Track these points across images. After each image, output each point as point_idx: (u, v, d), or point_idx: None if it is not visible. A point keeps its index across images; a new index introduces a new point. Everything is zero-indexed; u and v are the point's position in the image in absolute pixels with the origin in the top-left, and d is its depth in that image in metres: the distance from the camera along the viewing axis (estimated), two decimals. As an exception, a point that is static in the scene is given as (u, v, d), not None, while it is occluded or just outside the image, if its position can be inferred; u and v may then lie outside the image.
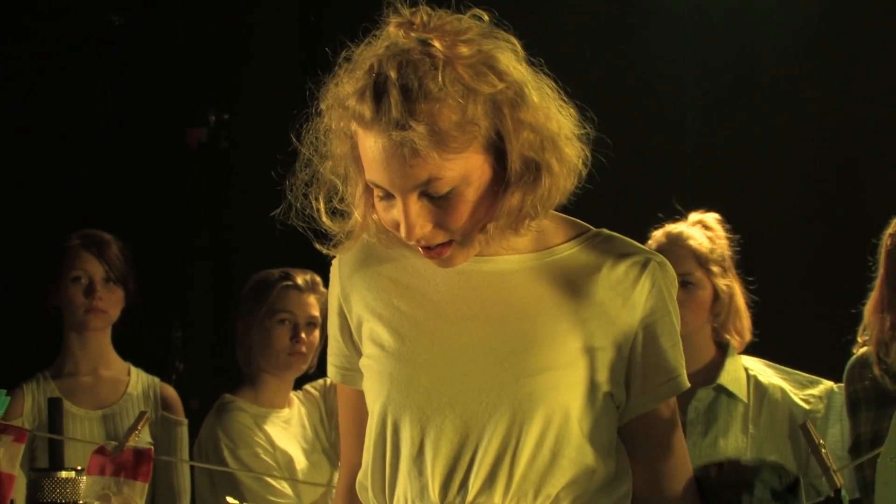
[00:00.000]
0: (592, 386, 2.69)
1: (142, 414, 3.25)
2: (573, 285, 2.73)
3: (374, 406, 2.76)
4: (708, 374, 4.90)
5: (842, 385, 4.88)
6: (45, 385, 5.18)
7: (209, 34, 6.77)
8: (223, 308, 5.80)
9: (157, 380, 5.38)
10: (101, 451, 3.18)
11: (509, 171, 2.63)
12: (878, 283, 4.69)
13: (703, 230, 4.97)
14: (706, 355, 4.94)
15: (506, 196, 2.65)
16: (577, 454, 2.68)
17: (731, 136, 6.75)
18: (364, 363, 2.81)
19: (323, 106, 2.70)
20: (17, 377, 5.25)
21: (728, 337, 4.96)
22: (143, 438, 3.31)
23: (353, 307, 2.84)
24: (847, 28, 6.79)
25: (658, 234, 4.99)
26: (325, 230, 2.77)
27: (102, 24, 6.43)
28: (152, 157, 6.49)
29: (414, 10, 2.64)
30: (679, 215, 5.02)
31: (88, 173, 6.50)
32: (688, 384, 2.78)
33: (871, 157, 6.56)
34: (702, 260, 4.93)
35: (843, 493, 2.88)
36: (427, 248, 2.68)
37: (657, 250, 4.76)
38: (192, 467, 5.14)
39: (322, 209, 2.75)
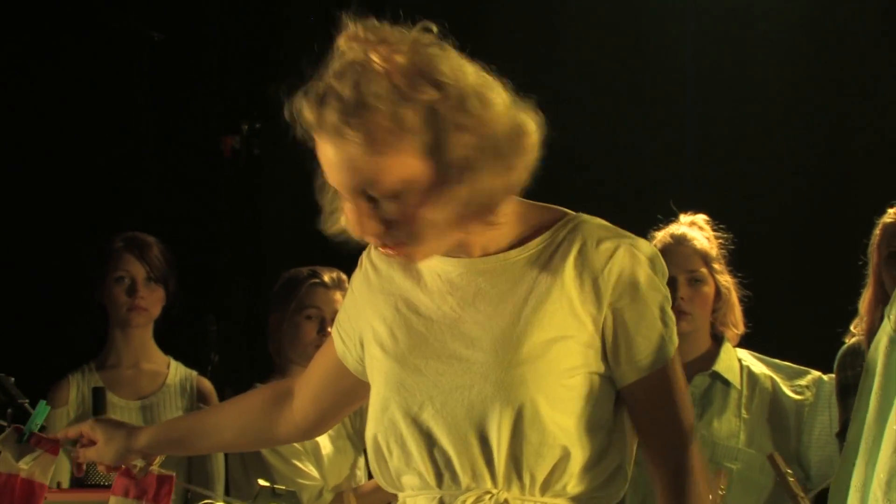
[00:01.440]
0: (570, 372, 2.68)
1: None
2: (546, 278, 2.71)
3: (374, 401, 2.79)
4: (704, 362, 4.90)
5: (830, 375, 4.92)
6: (90, 376, 5.25)
7: (242, 50, 6.78)
8: (256, 304, 5.81)
9: (194, 373, 5.44)
10: (126, 473, 3.14)
11: (448, 172, 2.61)
12: (870, 279, 4.73)
13: (699, 230, 4.98)
14: (703, 345, 4.95)
15: (450, 194, 2.63)
16: (560, 439, 2.66)
17: (724, 137, 6.71)
18: (368, 362, 2.85)
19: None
20: (63, 368, 5.32)
21: (723, 329, 4.97)
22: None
23: (368, 301, 2.86)
24: (835, 30, 6.70)
25: (662, 235, 4.97)
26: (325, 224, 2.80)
27: (144, 40, 6.45)
28: (189, 164, 6.52)
29: (358, 23, 2.65)
30: (672, 216, 5.00)
31: (131, 179, 6.53)
32: (669, 354, 2.72)
33: (860, 160, 6.49)
34: (706, 258, 4.93)
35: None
36: (384, 246, 2.70)
37: (662, 250, 4.83)
38: (225, 453, 5.11)
39: (325, 211, 2.79)
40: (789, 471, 2.88)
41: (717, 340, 4.98)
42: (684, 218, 5.02)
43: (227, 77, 6.75)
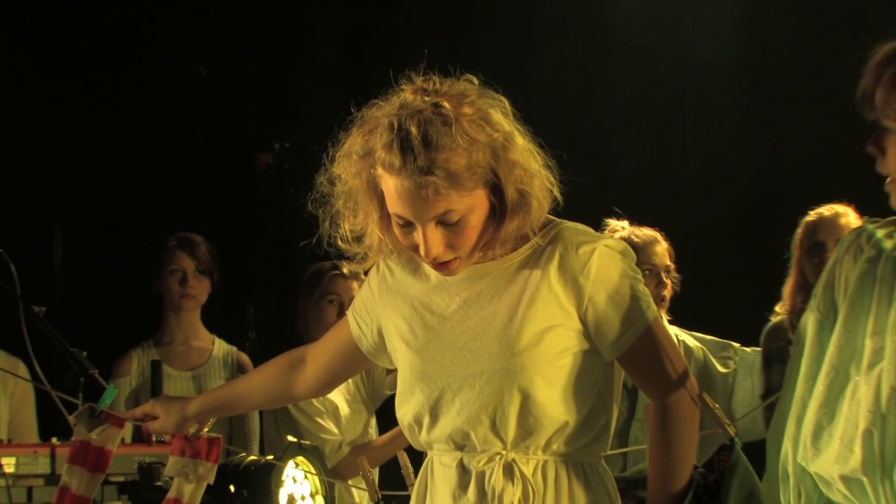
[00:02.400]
0: (561, 355, 2.70)
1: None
2: (535, 278, 2.71)
3: (402, 386, 2.82)
4: None
5: (753, 348, 4.95)
6: (148, 351, 5.26)
7: (274, 81, 6.83)
8: (287, 292, 5.80)
9: (234, 348, 5.45)
10: (182, 437, 3.16)
11: (507, 201, 2.64)
12: (792, 270, 4.74)
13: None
14: None
15: (505, 222, 2.66)
16: (556, 410, 2.69)
17: (671, 150, 6.63)
18: (392, 353, 2.86)
19: (337, 155, 2.71)
20: (127, 345, 5.35)
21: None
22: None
23: (385, 301, 2.86)
24: (771, 41, 6.61)
25: (641, 233, 4.91)
26: (346, 252, 2.79)
27: (193, 73, 6.47)
28: (230, 176, 6.56)
29: (425, 78, 2.65)
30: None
31: (183, 189, 6.58)
32: (647, 322, 2.73)
33: (786, 169, 6.37)
34: (671, 256, 4.95)
35: (736, 440, 2.89)
36: (438, 264, 2.69)
37: (642, 244, 4.85)
38: (260, 413, 5.13)
39: (344, 233, 2.76)
40: (717, 405, 2.88)
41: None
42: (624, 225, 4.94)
43: (261, 105, 6.79)
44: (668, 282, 4.92)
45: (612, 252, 2.73)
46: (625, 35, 6.66)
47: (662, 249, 4.92)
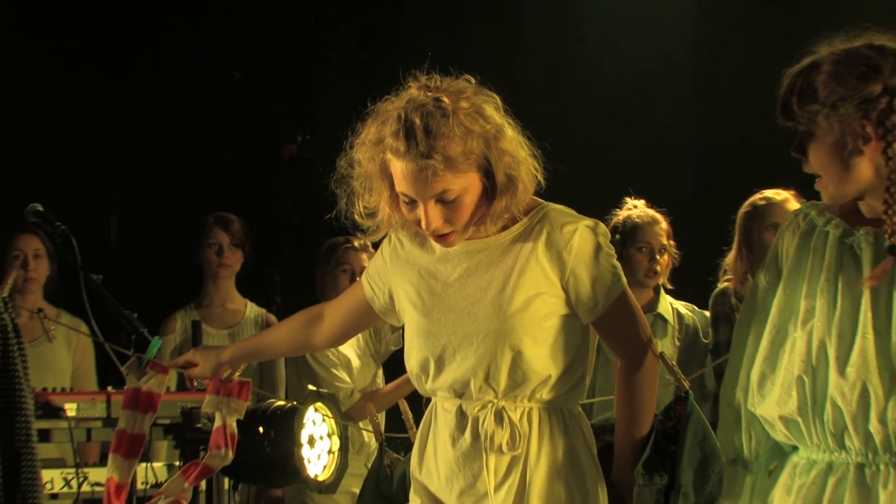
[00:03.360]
0: (546, 318, 2.70)
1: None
2: (525, 253, 2.70)
3: (409, 343, 2.81)
4: (649, 306, 4.82)
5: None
6: (190, 313, 5.27)
7: (296, 84, 6.78)
8: (307, 262, 5.80)
9: (264, 310, 5.44)
10: (217, 380, 3.16)
11: (497, 183, 2.64)
12: (735, 243, 4.70)
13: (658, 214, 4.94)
14: (649, 294, 4.86)
15: (495, 201, 2.67)
16: (541, 365, 2.69)
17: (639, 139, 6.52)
18: (401, 314, 2.85)
19: (356, 142, 2.71)
20: (172, 307, 5.36)
21: (662, 283, 4.90)
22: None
23: (396, 269, 2.85)
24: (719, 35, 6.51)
25: (639, 212, 4.88)
26: (361, 225, 2.77)
27: (227, 77, 6.45)
28: (259, 164, 6.51)
29: (428, 77, 2.66)
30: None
31: (219, 174, 6.57)
32: (619, 292, 2.74)
33: (735, 154, 6.21)
34: (669, 235, 4.87)
35: (690, 392, 2.87)
36: (438, 236, 2.69)
37: (642, 224, 4.82)
38: (285, 363, 5.15)
39: (358, 210, 2.75)
40: (674, 363, 2.87)
41: (656, 290, 4.90)
42: (630, 202, 4.92)
43: (286, 103, 6.74)
44: (662, 258, 4.84)
45: (591, 232, 2.72)
46: (594, 40, 6.59)
47: (660, 229, 4.85)
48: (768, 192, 4.67)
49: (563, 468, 2.70)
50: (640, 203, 4.89)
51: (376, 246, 2.96)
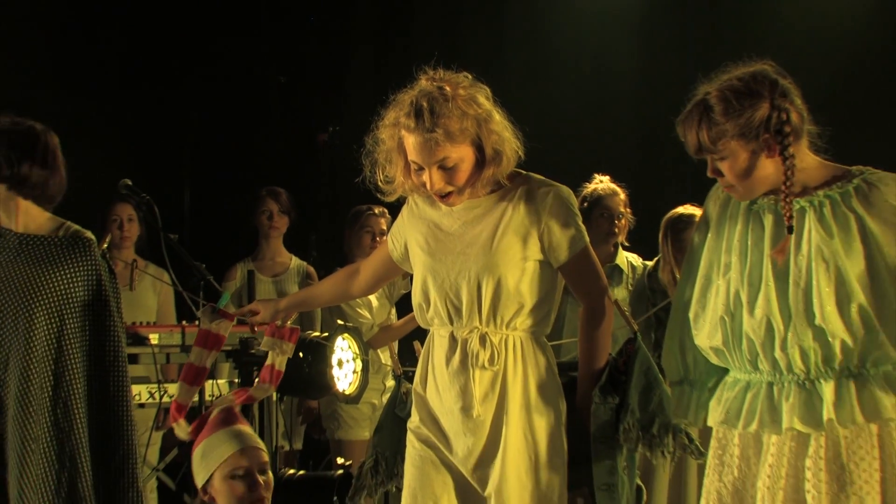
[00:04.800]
0: (524, 259, 2.69)
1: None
2: (510, 209, 2.71)
3: (416, 278, 2.79)
4: (609, 259, 4.76)
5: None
6: (247, 264, 5.22)
7: (329, 85, 6.67)
8: (337, 225, 5.78)
9: (304, 262, 5.39)
10: (273, 326, 3.10)
11: (486, 155, 2.65)
12: (663, 253, 4.49)
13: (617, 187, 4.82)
14: (610, 251, 4.78)
15: (484, 169, 2.67)
16: (519, 297, 2.68)
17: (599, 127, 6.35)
18: (412, 258, 2.82)
19: (380, 124, 2.71)
20: (234, 260, 5.33)
21: (620, 241, 4.81)
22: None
23: (412, 227, 2.83)
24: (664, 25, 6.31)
25: (603, 187, 4.76)
26: (381, 188, 2.77)
27: (274, 80, 6.42)
28: (300, 149, 6.45)
29: (435, 71, 2.67)
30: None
31: (269, 157, 6.49)
32: (582, 245, 2.73)
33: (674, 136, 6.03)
34: (626, 204, 4.77)
35: (638, 333, 2.86)
36: (441, 196, 2.70)
37: (604, 195, 4.70)
38: None
39: (379, 178, 2.76)
40: (626, 309, 2.86)
41: (615, 247, 4.82)
42: (597, 177, 4.82)
43: (320, 101, 6.64)
44: (620, 222, 4.74)
45: (563, 195, 2.74)
46: (562, 49, 6.47)
47: (619, 200, 4.75)
48: (690, 207, 4.48)
49: (533, 381, 2.69)
50: (606, 178, 4.81)
51: (391, 209, 2.98)
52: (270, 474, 2.82)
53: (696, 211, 4.46)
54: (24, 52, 5.75)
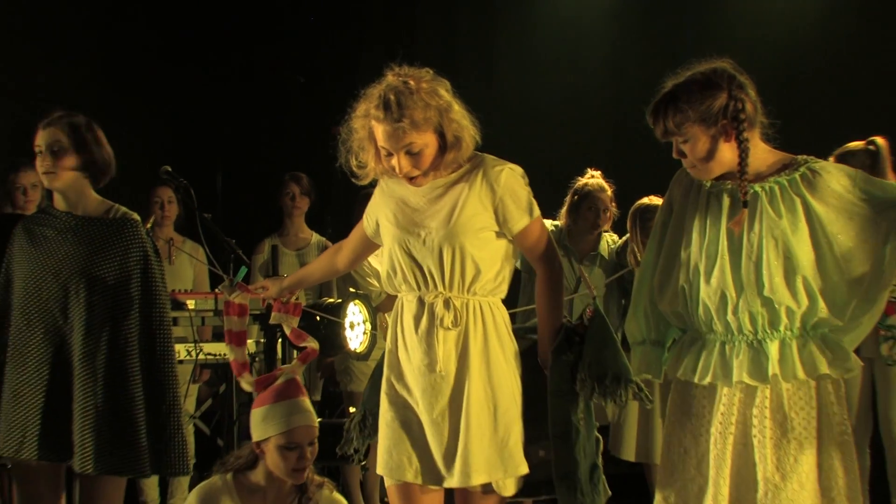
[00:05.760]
0: (482, 230, 2.59)
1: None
2: (467, 187, 2.59)
3: (386, 249, 2.71)
4: (593, 246, 4.68)
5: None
6: (273, 240, 5.16)
7: (342, 84, 6.56)
8: (349, 205, 5.76)
9: (323, 238, 5.33)
10: (279, 301, 3.06)
11: (447, 141, 2.56)
12: (631, 236, 4.41)
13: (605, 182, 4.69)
14: (595, 239, 4.69)
15: (446, 153, 2.57)
16: (477, 263, 2.58)
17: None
18: (382, 232, 2.72)
19: (352, 116, 2.64)
20: (261, 236, 5.27)
21: (605, 230, 4.72)
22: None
23: (382, 205, 2.72)
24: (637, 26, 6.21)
25: (593, 183, 4.62)
26: (356, 173, 2.68)
27: (295, 80, 6.38)
28: (316, 140, 6.31)
29: (400, 67, 2.58)
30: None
31: (291, 146, 6.42)
32: (533, 217, 2.62)
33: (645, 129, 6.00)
34: (611, 199, 4.65)
35: (596, 298, 2.82)
36: (408, 178, 2.60)
37: (592, 190, 4.57)
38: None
39: (353, 163, 2.67)
40: (586, 275, 2.82)
41: (599, 236, 4.71)
42: (589, 171, 4.70)
43: (335, 97, 6.55)
44: (605, 215, 4.63)
45: (513, 172, 2.63)
46: (545, 48, 6.38)
47: (606, 196, 4.63)
48: (655, 198, 4.36)
49: (491, 339, 2.61)
50: (598, 174, 4.69)
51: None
52: (317, 444, 2.85)
53: (661, 202, 4.42)
54: (76, 50, 5.74)
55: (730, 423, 2.38)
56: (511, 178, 2.61)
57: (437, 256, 2.57)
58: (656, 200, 4.34)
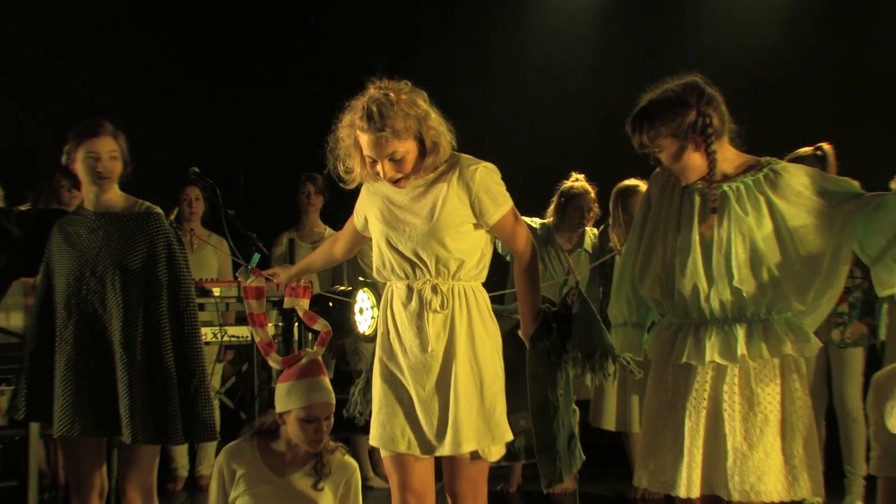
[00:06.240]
0: (461, 224, 2.55)
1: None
2: (446, 185, 2.55)
3: (375, 243, 2.67)
4: (579, 242, 4.63)
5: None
6: (290, 234, 5.15)
7: (351, 93, 6.61)
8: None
9: (335, 231, 5.16)
10: (290, 286, 3.03)
11: (427, 147, 2.52)
12: (612, 215, 4.48)
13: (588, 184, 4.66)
14: (580, 236, 4.64)
15: (426, 158, 2.53)
16: (460, 254, 2.54)
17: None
18: (371, 228, 2.68)
19: (339, 126, 2.60)
20: (280, 230, 5.26)
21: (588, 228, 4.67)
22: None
23: (370, 203, 2.68)
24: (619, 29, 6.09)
25: (579, 185, 4.60)
26: (343, 178, 2.64)
27: (310, 91, 6.36)
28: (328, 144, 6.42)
29: (381, 79, 2.54)
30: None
31: (307, 149, 6.29)
32: (507, 209, 2.57)
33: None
34: (594, 201, 4.61)
35: (579, 282, 2.82)
36: (393, 181, 2.57)
37: (577, 193, 4.53)
38: (346, 265, 4.92)
39: (341, 169, 2.63)
40: (570, 260, 2.80)
41: (583, 233, 4.66)
42: (573, 175, 4.67)
43: (345, 106, 6.56)
44: (589, 215, 4.61)
45: (488, 170, 2.57)
46: (535, 56, 6.28)
47: (590, 198, 4.61)
48: (634, 180, 4.40)
49: (475, 320, 2.58)
50: (581, 177, 4.66)
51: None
52: (332, 418, 2.86)
53: (639, 182, 4.39)
54: (115, 63, 5.74)
55: (703, 399, 2.40)
56: (485, 175, 2.57)
57: (422, 250, 2.55)
58: (635, 182, 4.36)
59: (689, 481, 2.36)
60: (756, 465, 2.32)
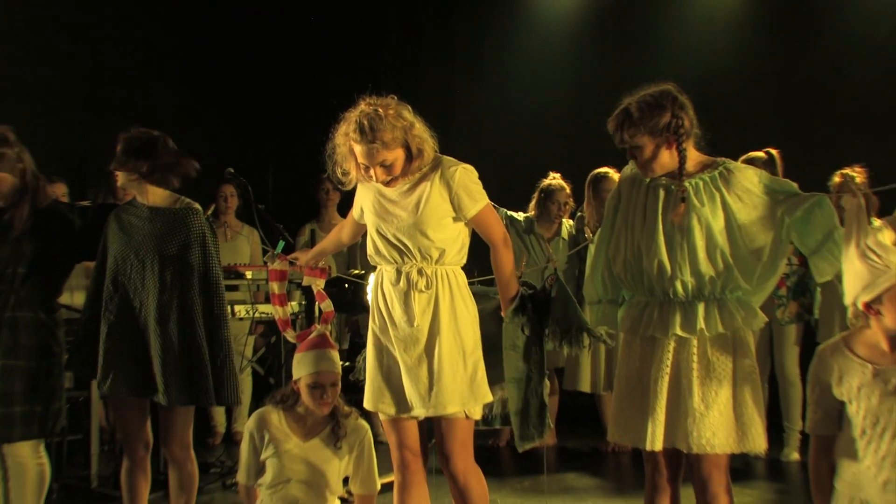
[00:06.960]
0: (443, 217, 2.52)
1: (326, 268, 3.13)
2: (429, 184, 2.51)
3: (369, 235, 2.64)
4: (557, 232, 4.62)
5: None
6: (312, 225, 5.14)
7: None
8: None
9: None
10: (309, 267, 3.01)
11: (413, 154, 2.50)
12: (587, 198, 4.49)
13: (562, 181, 4.65)
14: (557, 227, 4.63)
15: (412, 162, 2.51)
16: (442, 243, 2.52)
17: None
18: (365, 217, 2.65)
19: (336, 134, 2.58)
20: (303, 222, 5.23)
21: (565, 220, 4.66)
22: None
23: (365, 196, 2.64)
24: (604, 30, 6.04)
25: (556, 183, 4.59)
26: (340, 180, 2.61)
27: (329, 102, 6.30)
28: None
29: (371, 95, 2.52)
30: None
31: (325, 155, 6.41)
32: (482, 205, 2.53)
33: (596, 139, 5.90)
34: (569, 197, 4.61)
35: (558, 268, 2.79)
36: (384, 183, 2.54)
37: (554, 189, 4.50)
38: (359, 254, 4.91)
39: (338, 172, 2.60)
40: (549, 252, 2.78)
41: (560, 224, 4.66)
42: (552, 174, 4.66)
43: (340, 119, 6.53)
44: (565, 208, 4.61)
45: (466, 170, 2.54)
46: (526, 66, 6.25)
47: (565, 193, 4.61)
48: (607, 168, 4.42)
49: (456, 298, 2.55)
50: (557, 175, 4.64)
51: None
52: (339, 385, 2.86)
53: (609, 170, 4.41)
54: (165, 75, 5.72)
55: (666, 366, 2.39)
56: (464, 175, 2.54)
57: (409, 240, 2.53)
58: (606, 169, 4.37)
59: (654, 436, 2.36)
60: (711, 422, 2.33)
